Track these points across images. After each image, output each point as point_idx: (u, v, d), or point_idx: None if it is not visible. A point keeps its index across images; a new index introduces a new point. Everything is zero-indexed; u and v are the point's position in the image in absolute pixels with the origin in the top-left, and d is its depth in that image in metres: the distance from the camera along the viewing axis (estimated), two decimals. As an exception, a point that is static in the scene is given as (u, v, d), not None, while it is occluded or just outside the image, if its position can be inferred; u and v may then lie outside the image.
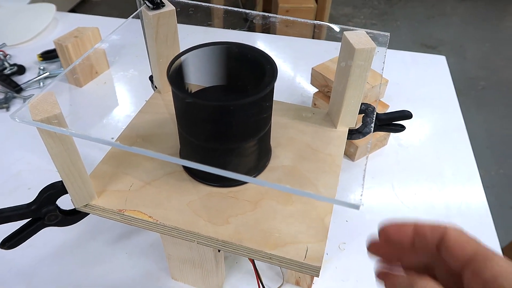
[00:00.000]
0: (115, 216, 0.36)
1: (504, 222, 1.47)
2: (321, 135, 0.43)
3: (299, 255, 0.32)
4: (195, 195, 0.37)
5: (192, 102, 0.31)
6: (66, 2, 2.38)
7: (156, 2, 0.41)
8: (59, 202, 0.37)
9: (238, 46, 0.36)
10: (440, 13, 2.69)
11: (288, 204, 0.36)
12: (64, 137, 0.31)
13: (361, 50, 0.36)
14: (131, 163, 0.40)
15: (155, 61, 0.44)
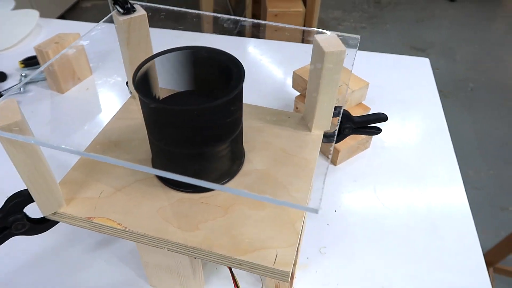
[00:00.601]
0: (84, 224, 0.36)
1: (494, 222, 1.47)
2: (296, 139, 0.43)
3: (268, 261, 0.32)
4: (165, 201, 0.37)
5: (156, 108, 0.31)
6: (55, 8, 2.38)
7: (126, 7, 0.41)
8: (30, 210, 0.37)
9: (206, 50, 0.35)
10: (429, 16, 2.71)
11: (260, 209, 0.36)
12: (27, 145, 0.30)
13: (330, 53, 0.36)
14: (102, 170, 0.39)
15: (128, 66, 0.44)
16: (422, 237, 0.56)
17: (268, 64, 0.91)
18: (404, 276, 0.52)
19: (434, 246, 0.55)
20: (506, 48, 2.42)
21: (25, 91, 0.79)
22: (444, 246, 0.55)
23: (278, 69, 0.89)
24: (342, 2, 2.87)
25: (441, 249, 0.55)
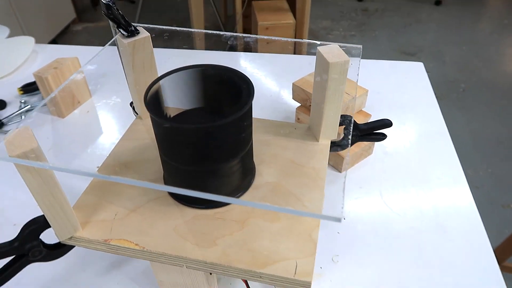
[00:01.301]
0: (101, 247, 0.36)
1: (496, 220, 1.48)
2: (304, 150, 0.43)
3: (288, 272, 0.32)
4: (180, 219, 0.37)
5: (169, 127, 0.32)
6: (47, 33, 2.39)
7: (130, 30, 0.41)
8: (44, 236, 0.36)
9: (214, 68, 0.36)
10: (416, 21, 2.76)
11: (275, 221, 0.36)
12: (43, 171, 0.30)
13: (335, 63, 0.37)
14: (115, 192, 0.39)
15: (134, 88, 0.44)
16: (432, 240, 0.57)
17: (263, 77, 0.92)
18: (417, 280, 0.52)
19: (444, 248, 0.55)
20: (493, 48, 2.46)
21: (26, 117, 0.79)
22: (454, 247, 0.55)
23: (274, 82, 0.90)
24: (330, 12, 2.91)
25: (452, 250, 0.55)
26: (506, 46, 2.49)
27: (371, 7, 2.95)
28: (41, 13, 2.32)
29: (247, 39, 0.42)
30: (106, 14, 0.42)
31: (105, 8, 0.41)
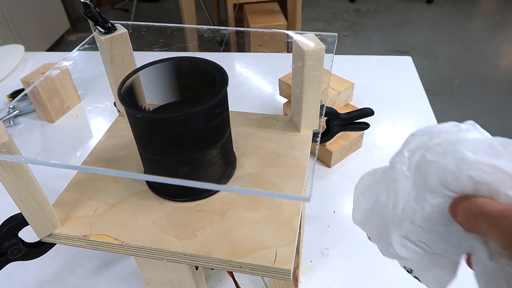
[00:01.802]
0: (80, 243, 0.35)
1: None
2: (286, 140, 0.43)
3: (268, 261, 0.32)
4: (161, 212, 0.36)
5: (143, 117, 0.31)
6: (41, 44, 2.40)
7: (107, 27, 0.41)
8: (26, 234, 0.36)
9: (188, 60, 0.36)
10: (408, 20, 2.77)
11: (255, 211, 0.36)
12: (17, 166, 0.30)
13: (310, 51, 0.37)
14: (95, 188, 0.39)
15: (114, 84, 0.44)
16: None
17: (253, 76, 0.92)
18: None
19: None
20: (486, 44, 2.47)
21: (15, 123, 0.79)
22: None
23: (263, 80, 0.90)
24: (323, 13, 2.93)
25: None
26: (499, 42, 2.50)
27: (363, 8, 2.96)
28: (35, 24, 2.33)
29: (223, 32, 0.42)
30: (84, 13, 0.42)
31: (83, 7, 0.41)
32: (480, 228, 0.24)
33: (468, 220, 0.25)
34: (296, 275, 0.47)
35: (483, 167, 0.25)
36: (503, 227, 0.21)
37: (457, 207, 0.25)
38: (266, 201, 0.37)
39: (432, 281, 0.31)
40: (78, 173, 0.42)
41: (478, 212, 0.24)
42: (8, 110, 0.80)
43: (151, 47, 0.49)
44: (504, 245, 0.21)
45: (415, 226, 0.28)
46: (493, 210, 0.23)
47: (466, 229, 0.26)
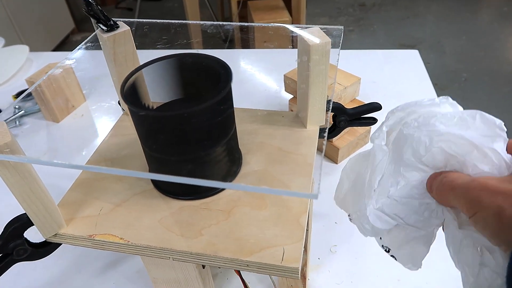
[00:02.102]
0: (86, 243, 0.35)
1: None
2: (292, 137, 0.42)
3: (275, 259, 0.31)
4: (166, 211, 0.36)
5: (146, 115, 0.31)
6: (47, 44, 2.41)
7: (109, 24, 0.41)
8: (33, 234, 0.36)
9: (191, 56, 0.35)
10: (413, 14, 2.74)
11: (262, 208, 0.35)
12: (20, 166, 0.30)
13: (316, 45, 0.36)
14: (100, 188, 0.39)
15: (117, 83, 0.44)
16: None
17: (258, 73, 0.91)
18: (418, 267, 0.51)
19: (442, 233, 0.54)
20: (493, 36, 2.44)
21: (21, 124, 0.79)
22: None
23: (268, 76, 0.89)
24: (327, 8, 2.91)
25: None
26: (507, 34, 2.46)
27: (368, 2, 2.93)
28: (40, 24, 2.34)
29: (227, 27, 0.41)
30: (86, 11, 0.41)
31: (85, 5, 0.41)
32: (451, 201, 0.25)
33: (441, 194, 0.26)
34: (304, 272, 0.46)
35: (452, 138, 0.26)
36: (468, 198, 0.23)
37: (432, 183, 0.27)
38: (273, 198, 0.36)
39: (407, 258, 0.32)
40: (82, 172, 0.41)
41: (448, 185, 0.25)
42: (14, 110, 0.80)
43: (155, 45, 0.49)
44: (468, 214, 0.23)
45: (390, 199, 0.29)
46: (460, 183, 0.24)
47: (440, 203, 0.27)
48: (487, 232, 0.22)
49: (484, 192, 0.22)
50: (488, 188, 0.22)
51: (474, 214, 0.23)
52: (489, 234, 0.22)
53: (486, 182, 0.23)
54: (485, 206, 0.22)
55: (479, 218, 0.22)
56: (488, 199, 0.22)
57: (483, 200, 0.22)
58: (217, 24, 0.41)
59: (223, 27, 0.42)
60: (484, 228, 0.22)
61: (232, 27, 0.43)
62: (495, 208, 0.21)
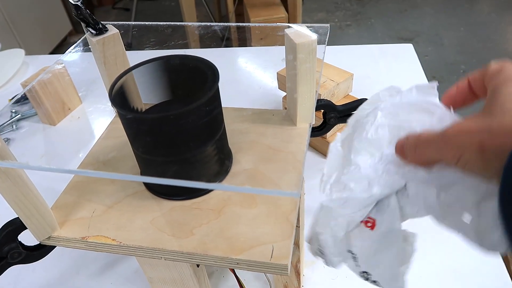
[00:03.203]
0: (79, 245, 0.36)
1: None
2: (282, 135, 0.43)
3: (265, 256, 0.32)
4: (158, 212, 0.36)
5: (134, 118, 0.31)
6: (44, 47, 2.41)
7: (98, 28, 0.41)
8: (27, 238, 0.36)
9: (179, 58, 0.36)
10: (411, 6, 2.73)
11: (252, 207, 0.36)
12: (11, 171, 0.30)
13: (302, 44, 0.36)
14: (93, 190, 0.39)
15: (108, 85, 0.44)
16: (429, 224, 0.56)
17: (254, 70, 0.91)
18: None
19: (443, 233, 0.54)
20: (491, 28, 2.43)
21: (18, 127, 0.80)
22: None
23: (262, 74, 0.90)
24: (324, 3, 2.90)
25: (449, 235, 0.54)
26: (506, 25, 2.45)
27: (366, -4, 2.92)
28: (37, 27, 2.35)
29: (215, 27, 0.42)
30: (76, 15, 0.42)
31: (75, 9, 0.41)
32: (431, 155, 0.25)
33: (419, 154, 0.26)
34: (299, 269, 0.47)
35: (392, 109, 0.28)
36: (450, 145, 0.23)
37: (403, 148, 0.27)
38: (262, 197, 0.37)
39: (388, 276, 0.30)
40: (76, 175, 0.42)
41: (424, 142, 0.25)
42: (11, 114, 0.80)
43: (151, 46, 0.49)
44: (454, 160, 0.23)
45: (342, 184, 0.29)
46: (435, 135, 0.24)
47: (417, 163, 0.27)
48: (476, 169, 0.23)
49: (462, 134, 0.23)
50: (464, 130, 0.23)
51: (459, 158, 0.23)
52: (479, 171, 0.23)
53: (458, 126, 0.23)
54: (468, 146, 0.22)
55: (466, 159, 0.23)
56: (468, 139, 0.22)
57: (464, 141, 0.22)
58: (204, 25, 0.41)
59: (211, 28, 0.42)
60: (473, 168, 0.23)
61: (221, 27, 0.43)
62: (476, 145, 0.22)
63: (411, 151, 0.26)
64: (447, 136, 0.24)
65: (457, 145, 0.23)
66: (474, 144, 0.22)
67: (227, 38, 1.98)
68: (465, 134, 0.23)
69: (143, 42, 0.43)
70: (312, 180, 0.63)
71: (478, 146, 0.22)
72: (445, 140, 0.24)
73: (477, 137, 0.22)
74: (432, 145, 0.25)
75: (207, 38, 0.41)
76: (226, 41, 1.98)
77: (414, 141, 0.26)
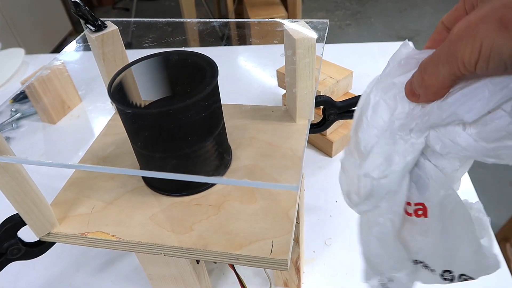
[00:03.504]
0: (79, 241, 0.36)
1: (505, 198, 1.46)
2: (281, 131, 0.42)
3: (264, 251, 0.32)
4: (157, 208, 0.36)
5: (133, 113, 0.31)
6: (44, 47, 2.41)
7: (97, 24, 0.41)
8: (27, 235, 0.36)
9: (177, 54, 0.36)
10: (411, 5, 2.73)
11: (251, 203, 0.36)
12: (10, 167, 0.30)
13: (301, 39, 0.36)
14: (92, 186, 0.39)
15: (107, 82, 0.44)
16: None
17: (253, 68, 0.91)
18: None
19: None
20: (492, 26, 2.42)
21: (17, 126, 0.80)
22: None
23: (262, 72, 0.90)
24: (324, 3, 2.90)
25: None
26: (505, 23, 2.45)
27: (365, -5, 2.92)
28: (37, 27, 2.35)
29: (214, 24, 0.41)
30: (75, 11, 0.42)
31: (73, 6, 0.41)
32: (443, 72, 0.22)
33: (427, 80, 0.23)
34: (298, 265, 0.46)
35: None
36: (461, 40, 0.20)
37: (411, 83, 0.25)
38: (262, 193, 0.36)
39: None
40: (75, 172, 0.42)
41: (431, 59, 0.23)
42: (11, 113, 0.80)
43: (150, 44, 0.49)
44: (474, 56, 0.20)
45: None
46: (440, 48, 0.22)
47: (429, 94, 0.24)
48: (505, 54, 0.19)
49: (472, 25, 0.20)
50: (473, 21, 0.20)
51: (480, 50, 0.19)
52: (508, 54, 0.19)
53: (464, 22, 0.20)
54: (484, 31, 0.19)
55: (488, 47, 0.19)
56: (482, 26, 0.19)
57: (478, 29, 0.20)
58: (203, 21, 0.41)
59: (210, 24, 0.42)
60: (499, 55, 0.19)
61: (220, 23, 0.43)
62: (495, 23, 0.19)
63: (421, 81, 0.24)
64: (456, 35, 0.21)
65: (472, 36, 0.20)
66: (493, 23, 0.19)
67: (227, 37, 1.98)
68: (475, 23, 0.20)
69: (143, 41, 0.43)
70: (311, 177, 0.63)
71: (498, 24, 0.19)
72: (454, 42, 0.21)
73: (493, 17, 0.19)
74: (441, 58, 0.22)
75: (206, 34, 0.41)
76: (226, 40, 1.98)
77: (420, 70, 0.24)
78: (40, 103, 0.75)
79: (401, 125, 0.25)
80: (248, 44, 1.02)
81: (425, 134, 0.25)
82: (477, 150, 0.22)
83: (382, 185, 0.25)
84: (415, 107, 0.25)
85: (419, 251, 0.27)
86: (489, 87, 0.21)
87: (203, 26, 0.45)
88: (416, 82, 0.24)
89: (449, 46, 0.21)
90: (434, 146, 0.24)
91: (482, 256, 0.25)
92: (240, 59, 0.97)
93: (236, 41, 1.04)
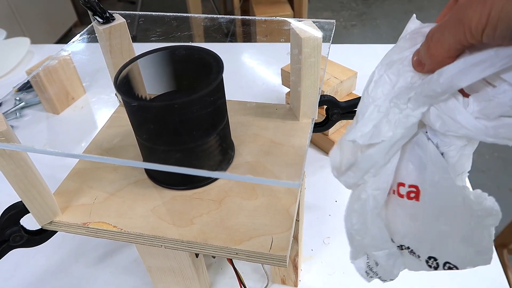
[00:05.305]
0: (80, 230, 0.36)
1: (504, 204, 1.46)
2: (284, 129, 0.43)
3: (264, 247, 0.32)
4: (159, 201, 0.37)
5: (138, 105, 0.32)
6: (49, 38, 2.42)
7: (105, 17, 0.42)
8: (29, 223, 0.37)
9: (184, 48, 0.36)
10: (417, 8, 2.73)
11: (252, 199, 0.36)
12: (15, 154, 0.31)
13: (307, 38, 0.36)
14: (95, 177, 0.40)
15: (113, 74, 0.44)
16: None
17: (258, 66, 0.91)
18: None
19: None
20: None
21: (21, 115, 0.80)
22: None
23: (266, 70, 0.90)
24: (329, 2, 2.89)
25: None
26: None
27: (372, -4, 2.92)
28: (42, 18, 2.35)
29: (220, 20, 0.42)
30: (83, 3, 0.42)
31: (82, -3, 0.42)
32: (450, 37, 0.22)
33: (433, 46, 0.23)
34: (296, 263, 0.47)
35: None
36: (470, 5, 0.20)
37: (418, 53, 0.24)
38: (263, 189, 0.37)
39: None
40: (78, 162, 0.42)
41: (437, 28, 0.23)
42: (15, 102, 0.81)
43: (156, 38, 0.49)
44: (483, 20, 0.19)
45: None
46: (448, 16, 0.22)
47: (435, 61, 0.23)
48: None
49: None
50: None
51: (489, 15, 0.19)
52: None
53: None
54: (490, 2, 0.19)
55: (498, 11, 0.19)
56: None
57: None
58: (210, 17, 0.42)
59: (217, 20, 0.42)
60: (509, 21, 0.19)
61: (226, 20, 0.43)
62: None
63: (427, 49, 0.23)
64: (466, 1, 0.20)
65: (481, 2, 0.19)
66: None
67: (232, 34, 1.98)
68: None
69: (148, 36, 0.44)
70: (313, 176, 0.64)
71: None
72: (463, 8, 0.20)
73: None
74: (447, 25, 0.21)
75: (213, 30, 0.41)
76: (232, 37, 1.98)
77: (427, 38, 0.23)
78: (44, 93, 0.76)
79: (400, 93, 0.25)
80: (253, 42, 1.02)
81: (423, 108, 0.24)
82: (477, 128, 0.22)
83: (368, 156, 0.24)
84: (416, 80, 0.25)
85: (406, 235, 0.26)
86: (491, 54, 0.21)
87: (209, 22, 0.45)
88: (423, 51, 0.24)
89: (457, 13, 0.21)
90: (434, 124, 0.24)
91: (473, 247, 0.25)
92: (244, 56, 0.97)
93: (241, 38, 1.04)
